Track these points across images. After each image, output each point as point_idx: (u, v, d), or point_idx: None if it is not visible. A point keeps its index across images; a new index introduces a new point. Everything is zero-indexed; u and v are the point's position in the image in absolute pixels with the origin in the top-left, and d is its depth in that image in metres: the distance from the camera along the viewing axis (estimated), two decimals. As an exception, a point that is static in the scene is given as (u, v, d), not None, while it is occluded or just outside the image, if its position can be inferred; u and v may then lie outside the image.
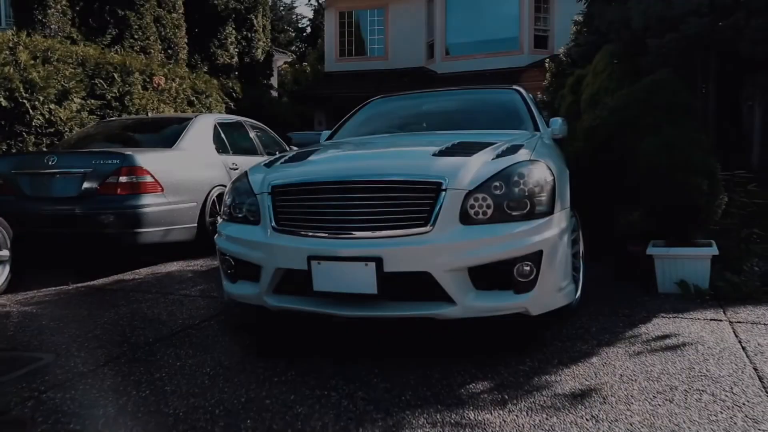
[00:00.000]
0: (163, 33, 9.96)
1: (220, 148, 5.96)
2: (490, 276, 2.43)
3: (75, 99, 6.47)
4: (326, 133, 4.49)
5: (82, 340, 2.91)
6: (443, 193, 2.39)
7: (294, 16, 41.45)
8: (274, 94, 16.82)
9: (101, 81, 7.05)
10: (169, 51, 10.19)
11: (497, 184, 2.46)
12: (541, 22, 16.34)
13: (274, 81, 18.85)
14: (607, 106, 5.98)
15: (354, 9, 18.83)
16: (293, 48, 37.21)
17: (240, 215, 2.87)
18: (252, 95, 12.99)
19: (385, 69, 18.12)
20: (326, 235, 2.47)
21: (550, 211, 2.51)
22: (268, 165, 3.04)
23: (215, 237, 2.99)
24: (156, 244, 4.89)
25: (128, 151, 4.73)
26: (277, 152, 6.36)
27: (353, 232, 2.43)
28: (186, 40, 10.85)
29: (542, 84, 12.81)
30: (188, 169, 5.26)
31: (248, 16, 13.87)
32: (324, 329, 2.95)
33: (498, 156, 2.67)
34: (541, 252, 2.42)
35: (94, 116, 7.03)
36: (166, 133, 5.69)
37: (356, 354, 2.59)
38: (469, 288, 2.40)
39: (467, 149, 2.77)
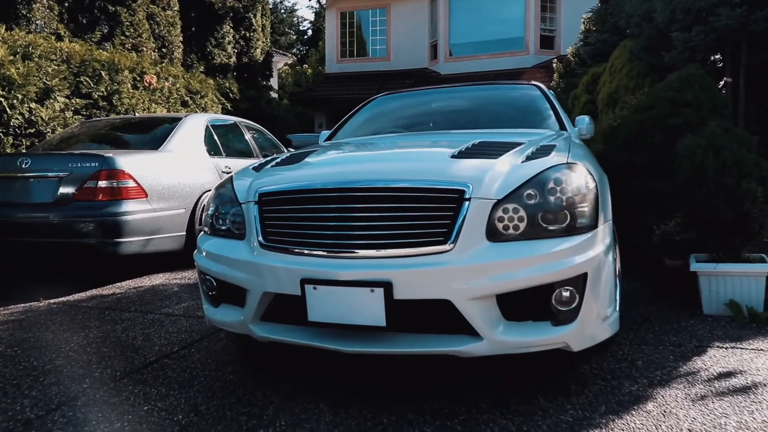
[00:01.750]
0: (156, 31, 9.54)
1: (212, 150, 5.53)
2: (524, 304, 1.99)
3: (58, 98, 6.05)
4: (325, 133, 4.06)
5: (37, 375, 2.48)
6: (466, 203, 1.96)
7: (295, 19, 41.18)
8: (274, 95, 16.38)
9: (87, 79, 6.62)
10: (163, 50, 9.77)
11: (531, 192, 2.02)
12: (547, 22, 15.94)
13: (273, 82, 18.45)
14: (629, 105, 5.56)
15: (355, 9, 18.43)
16: (294, 51, 36.92)
17: (223, 227, 2.43)
18: (250, 96, 12.56)
19: (387, 70, 17.73)
20: (324, 253, 2.04)
21: (593, 225, 2.08)
22: (257, 168, 2.61)
23: (194, 253, 2.56)
24: (140, 255, 4.47)
25: (108, 153, 4.31)
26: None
27: (356, 251, 1.99)
28: (181, 38, 10.42)
29: (549, 85, 12.40)
30: (176, 172, 4.83)
31: (247, 15, 13.45)
32: (321, 360, 2.52)
33: (528, 158, 2.24)
34: (585, 275, 1.99)
35: (80, 116, 6.61)
36: (153, 134, 5.27)
37: (359, 395, 2.15)
38: (498, 319, 1.97)
39: (491, 150, 2.34)
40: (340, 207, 2.05)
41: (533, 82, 4.01)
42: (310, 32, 39.73)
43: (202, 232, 2.57)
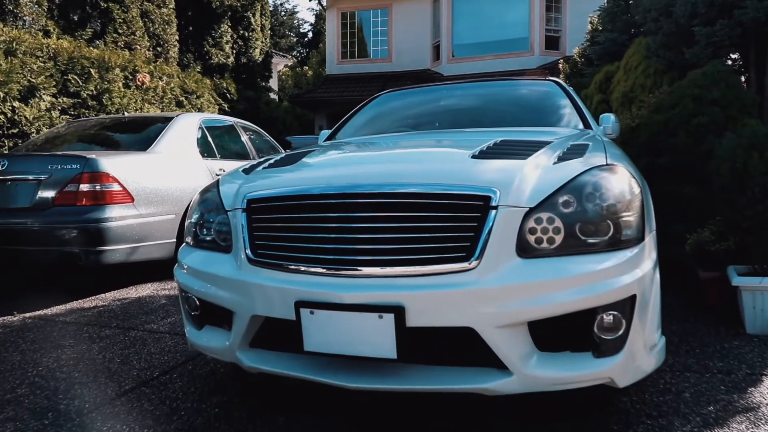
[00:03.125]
0: (151, 29, 9.22)
1: (206, 151, 5.22)
2: (560, 332, 1.68)
3: (44, 96, 5.73)
4: (325, 132, 3.75)
5: (-7, 407, 2.16)
6: (493, 212, 1.64)
7: (295, 21, 40.98)
8: (273, 96, 16.08)
9: (75, 77, 6.30)
10: (158, 48, 9.45)
11: (567, 198, 1.71)
12: (552, 22, 15.65)
13: (273, 84, 18.17)
14: (648, 104, 5.24)
15: (356, 9, 18.15)
16: (294, 53, 36.70)
17: (207, 238, 2.12)
18: (248, 97, 12.24)
19: (388, 71, 17.44)
20: (323, 270, 1.72)
21: (640, 237, 1.77)
22: (248, 170, 2.29)
23: (175, 267, 2.24)
24: (125, 264, 4.15)
25: (90, 155, 3.99)
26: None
27: (360, 268, 1.68)
28: (177, 37, 10.11)
29: (556, 85, 12.10)
30: (165, 175, 4.52)
31: (245, 14, 13.13)
32: (320, 390, 2.19)
33: (560, 159, 1.93)
34: (633, 297, 1.68)
35: (67, 116, 6.29)
36: (141, 135, 4.96)
37: (365, 437, 1.84)
38: (530, 350, 1.65)
39: (516, 150, 2.02)
40: (342, 216, 1.73)
41: (550, 78, 3.70)
42: (310, 35, 39.52)
43: (184, 244, 2.26)
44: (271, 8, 20.15)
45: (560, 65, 12.77)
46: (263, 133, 6.85)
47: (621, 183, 1.80)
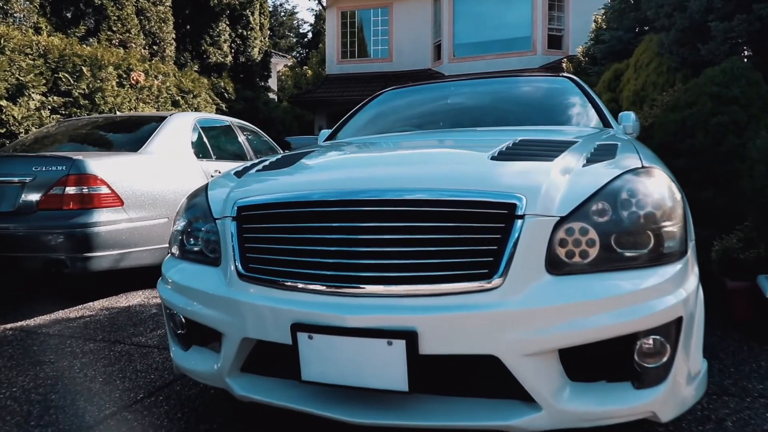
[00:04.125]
0: (147, 27, 9.00)
1: (201, 152, 5.00)
2: (596, 361, 1.47)
3: (33, 95, 5.51)
4: (325, 132, 3.53)
5: (-44, 437, 1.95)
6: (519, 221, 1.43)
7: (295, 22, 40.79)
8: (272, 96, 15.86)
9: (67, 75, 6.08)
10: (154, 47, 9.23)
11: (602, 206, 1.49)
12: (555, 21, 15.44)
13: (272, 83, 17.95)
14: (661, 102, 5.03)
15: (356, 8, 17.95)
16: (294, 54, 36.53)
17: (194, 249, 1.90)
18: (246, 97, 12.01)
19: (389, 71, 17.24)
20: (323, 288, 1.50)
21: (683, 250, 1.55)
22: (239, 173, 2.08)
23: (158, 281, 2.03)
24: (114, 271, 3.93)
25: (77, 156, 3.77)
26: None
27: (366, 286, 1.46)
28: (174, 35, 9.89)
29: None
30: (157, 177, 4.30)
31: (244, 13, 12.91)
32: (319, 424, 1.98)
33: (589, 161, 1.71)
34: (679, 320, 1.46)
35: (58, 116, 6.07)
36: (133, 135, 4.74)
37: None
38: (562, 381, 1.44)
39: (539, 150, 1.81)
40: (345, 226, 1.51)
41: (564, 74, 3.48)
42: (310, 35, 39.34)
43: (169, 255, 2.04)
44: (270, 8, 19.93)
45: (564, 64, 12.57)
46: (261, 134, 6.63)
47: (661, 188, 1.58)
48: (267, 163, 2.16)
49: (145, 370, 2.58)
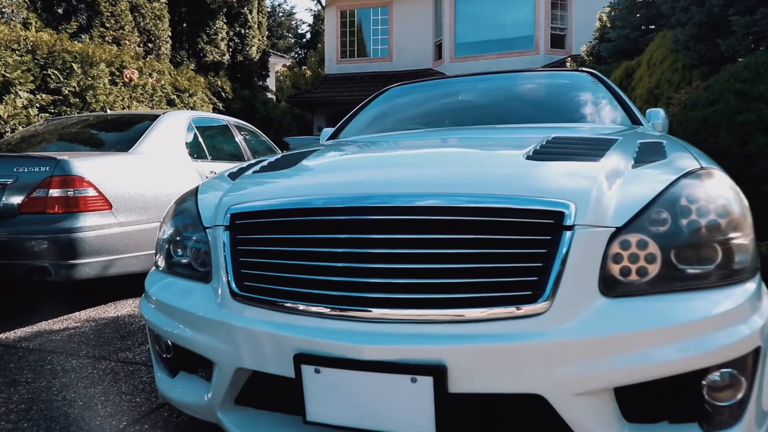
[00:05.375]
0: (141, 24, 8.75)
1: (195, 152, 4.76)
2: (656, 399, 1.23)
3: (20, 92, 5.27)
4: (328, 131, 3.30)
5: None
6: (568, 233, 1.19)
7: (293, 22, 40.59)
8: (270, 96, 15.61)
9: (56, 72, 5.84)
10: (149, 44, 8.98)
11: (662, 215, 1.26)
12: (558, 20, 15.23)
13: (270, 83, 17.71)
14: (680, 101, 4.81)
15: (356, 7, 17.72)
16: (292, 54, 36.35)
17: (181, 261, 1.66)
18: (244, 96, 11.76)
19: (389, 71, 17.02)
20: (331, 311, 1.27)
21: (755, 266, 1.32)
22: (234, 175, 1.84)
23: (141, 298, 1.79)
24: (103, 278, 3.69)
25: (62, 156, 3.53)
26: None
27: (384, 310, 1.22)
28: (169, 33, 9.65)
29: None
30: (149, 178, 4.06)
31: (242, 11, 12.67)
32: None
33: (638, 162, 1.48)
34: (756, 351, 1.23)
35: (46, 114, 5.82)
36: (124, 134, 4.50)
37: None
38: (618, 423, 1.20)
39: (579, 150, 1.58)
40: (357, 239, 1.27)
41: (585, 69, 3.25)
42: (308, 36, 39.11)
43: (153, 268, 1.80)
44: (268, 9, 19.67)
45: (568, 64, 12.37)
46: (259, 134, 6.40)
47: (726, 193, 1.36)
48: (265, 163, 1.93)
49: (130, 391, 2.34)
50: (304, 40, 39.59)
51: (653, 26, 8.59)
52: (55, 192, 3.44)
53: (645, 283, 1.22)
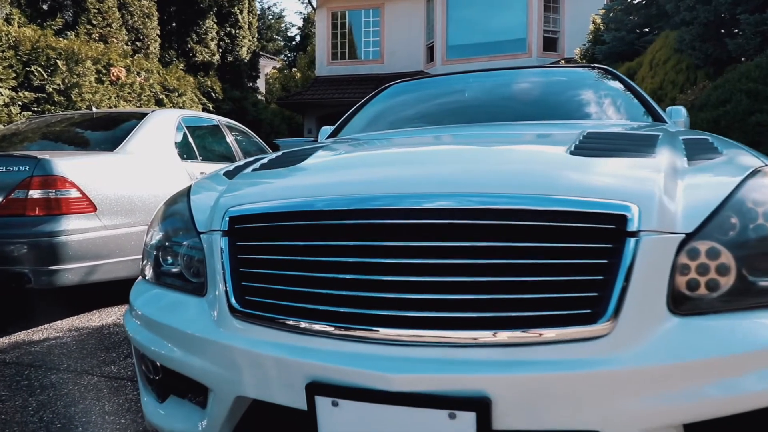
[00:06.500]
0: (129, 22, 8.51)
1: (185, 152, 4.55)
2: (732, 434, 1.06)
3: (2, 89, 5.02)
4: (327, 129, 3.12)
5: None
6: (632, 240, 1.01)
7: (283, 25, 40.39)
8: (261, 98, 15.38)
9: (40, 69, 5.59)
10: (137, 43, 8.74)
11: (733, 219, 1.09)
12: (550, 23, 15.17)
13: (260, 84, 17.48)
14: (686, 101, 4.68)
15: (347, 9, 17.57)
16: (282, 57, 36.15)
17: (171, 270, 1.47)
18: (234, 97, 11.53)
19: (380, 73, 16.88)
20: (352, 332, 1.08)
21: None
22: (231, 174, 1.65)
23: (125, 313, 1.59)
24: (86, 285, 3.47)
25: (43, 155, 3.31)
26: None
27: (416, 331, 1.04)
28: (158, 32, 9.40)
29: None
30: (136, 179, 3.85)
31: (232, 11, 12.45)
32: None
33: (692, 159, 1.32)
34: None
35: (29, 112, 5.58)
36: (110, 132, 4.28)
37: None
38: (690, 465, 1.02)
39: (625, 145, 1.40)
40: (383, 246, 1.09)
41: (599, 65, 3.09)
42: (298, 38, 38.91)
43: (140, 278, 1.60)
44: (258, 11, 19.45)
45: (562, 66, 12.27)
46: (251, 134, 6.20)
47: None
48: (265, 161, 1.74)
49: (114, 411, 2.13)
50: (293, 42, 39.40)
51: (648, 29, 8.51)
52: (35, 193, 3.23)
53: (716, 298, 1.05)
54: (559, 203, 1.05)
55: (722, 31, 4.72)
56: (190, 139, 4.73)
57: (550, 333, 0.99)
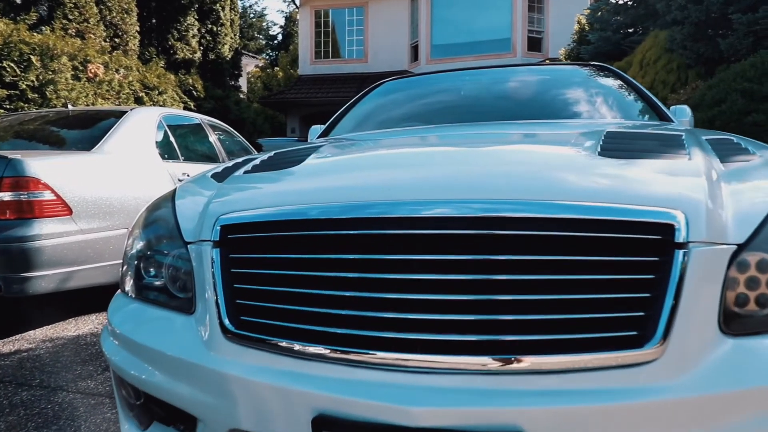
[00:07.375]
0: (108, 17, 8.26)
1: (166, 152, 4.38)
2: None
3: (-29, 86, 4.79)
4: (317, 129, 2.98)
5: None
6: (680, 253, 0.90)
7: (265, 24, 40.07)
8: (243, 96, 15.15)
9: (12, 65, 5.35)
10: (116, 39, 8.49)
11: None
12: (535, 23, 15.17)
13: (242, 83, 17.24)
14: (679, 101, 4.62)
15: (330, 7, 17.41)
16: (264, 56, 35.84)
17: (154, 283, 1.32)
18: (216, 96, 11.31)
19: (364, 72, 16.76)
20: (364, 357, 0.95)
21: None
22: (220, 176, 1.51)
23: (102, 332, 1.44)
24: (61, 293, 3.29)
25: (14, 155, 3.12)
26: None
27: (431, 356, 0.91)
28: (137, 28, 9.16)
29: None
30: (114, 180, 3.67)
31: (214, 7, 12.21)
32: None
33: (725, 161, 1.21)
34: None
35: (1, 110, 5.35)
36: (87, 131, 4.10)
37: None
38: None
39: (651, 146, 1.30)
40: (396, 260, 0.96)
41: (597, 63, 3.00)
42: (280, 37, 38.61)
43: (119, 292, 1.45)
44: (240, 10, 19.18)
45: (547, 66, 12.26)
46: (235, 134, 6.02)
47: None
48: (257, 162, 1.60)
49: (91, 430, 1.97)
50: (275, 41, 39.09)
51: (631, 29, 8.51)
52: (5, 195, 3.04)
53: (766, 316, 0.94)
54: (593, 211, 0.94)
55: (714, 30, 4.68)
56: (172, 139, 4.55)
57: (590, 358, 0.87)
